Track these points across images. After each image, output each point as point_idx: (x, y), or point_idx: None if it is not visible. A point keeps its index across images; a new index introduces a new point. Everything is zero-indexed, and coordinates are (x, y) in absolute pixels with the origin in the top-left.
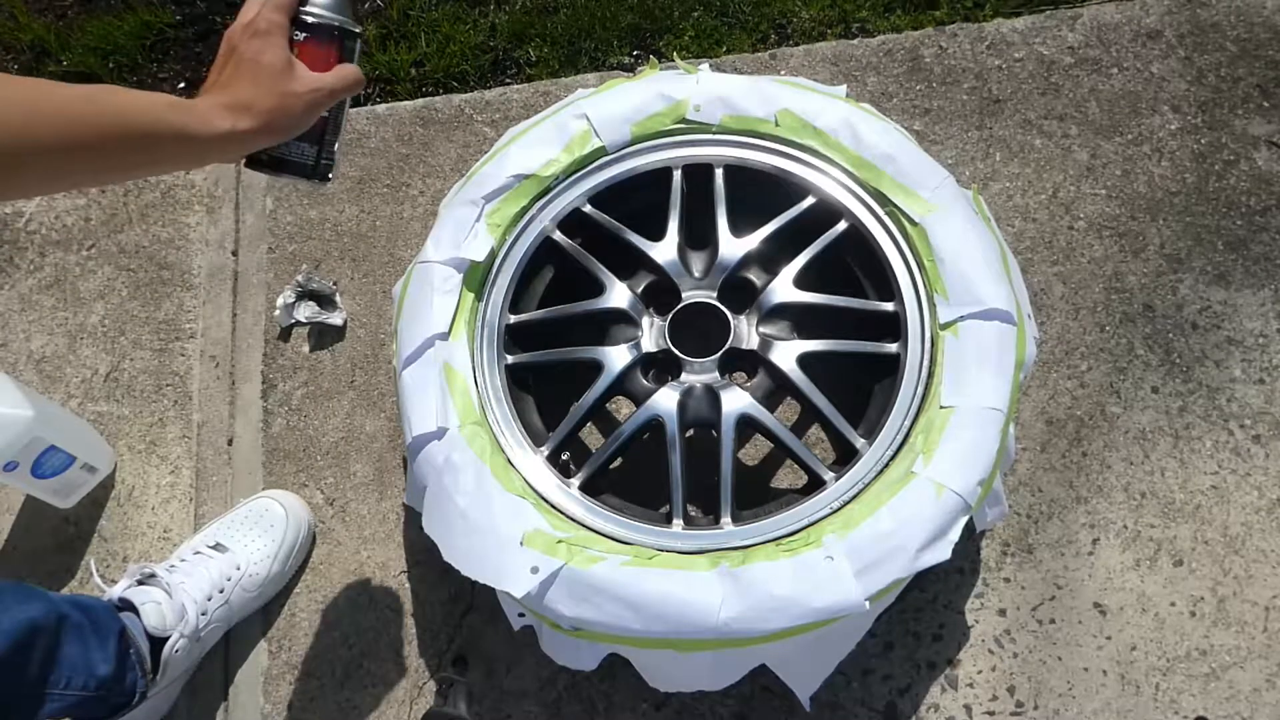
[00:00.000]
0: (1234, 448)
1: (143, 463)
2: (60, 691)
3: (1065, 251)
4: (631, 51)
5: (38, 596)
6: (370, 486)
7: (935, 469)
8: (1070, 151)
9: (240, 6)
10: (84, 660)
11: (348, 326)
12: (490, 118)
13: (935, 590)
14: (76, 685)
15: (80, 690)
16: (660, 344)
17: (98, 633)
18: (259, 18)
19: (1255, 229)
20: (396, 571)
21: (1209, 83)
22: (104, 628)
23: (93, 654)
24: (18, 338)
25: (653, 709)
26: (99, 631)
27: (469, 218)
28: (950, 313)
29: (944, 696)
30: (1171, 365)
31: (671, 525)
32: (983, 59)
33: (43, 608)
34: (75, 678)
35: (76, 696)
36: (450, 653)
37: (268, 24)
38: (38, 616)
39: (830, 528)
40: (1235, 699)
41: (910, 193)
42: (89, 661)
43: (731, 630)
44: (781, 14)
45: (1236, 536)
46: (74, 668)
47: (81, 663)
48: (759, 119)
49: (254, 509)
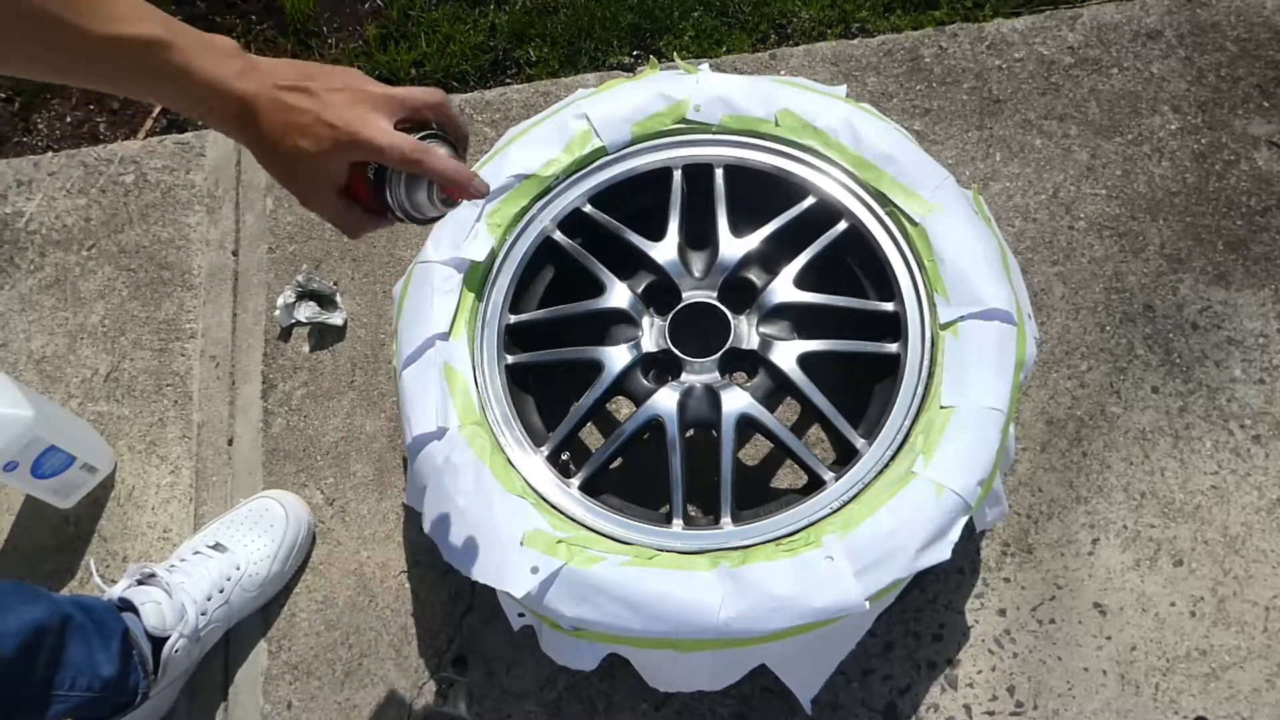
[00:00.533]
0: (1234, 448)
1: (143, 463)
2: (65, 693)
3: (1065, 251)
4: (631, 51)
5: (42, 598)
6: (370, 486)
7: (935, 469)
8: (1070, 151)
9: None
10: (88, 661)
11: (348, 326)
12: (490, 118)
13: (935, 590)
14: (81, 686)
15: (85, 691)
16: (660, 344)
17: (101, 633)
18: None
19: (1255, 229)
20: (396, 571)
21: (1209, 83)
22: (107, 628)
23: (96, 655)
24: (18, 338)
25: (653, 709)
26: (102, 632)
27: (469, 218)
28: (950, 313)
29: (944, 696)
30: (1172, 365)
31: (671, 525)
32: (983, 59)
33: (47, 609)
34: (80, 679)
35: (81, 697)
36: (450, 653)
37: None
38: (42, 618)
39: (830, 528)
40: (1235, 699)
41: (910, 193)
42: (93, 662)
43: (731, 630)
44: (781, 14)
45: (1236, 536)
46: (79, 669)
47: (86, 664)
48: (759, 119)
49: (254, 509)
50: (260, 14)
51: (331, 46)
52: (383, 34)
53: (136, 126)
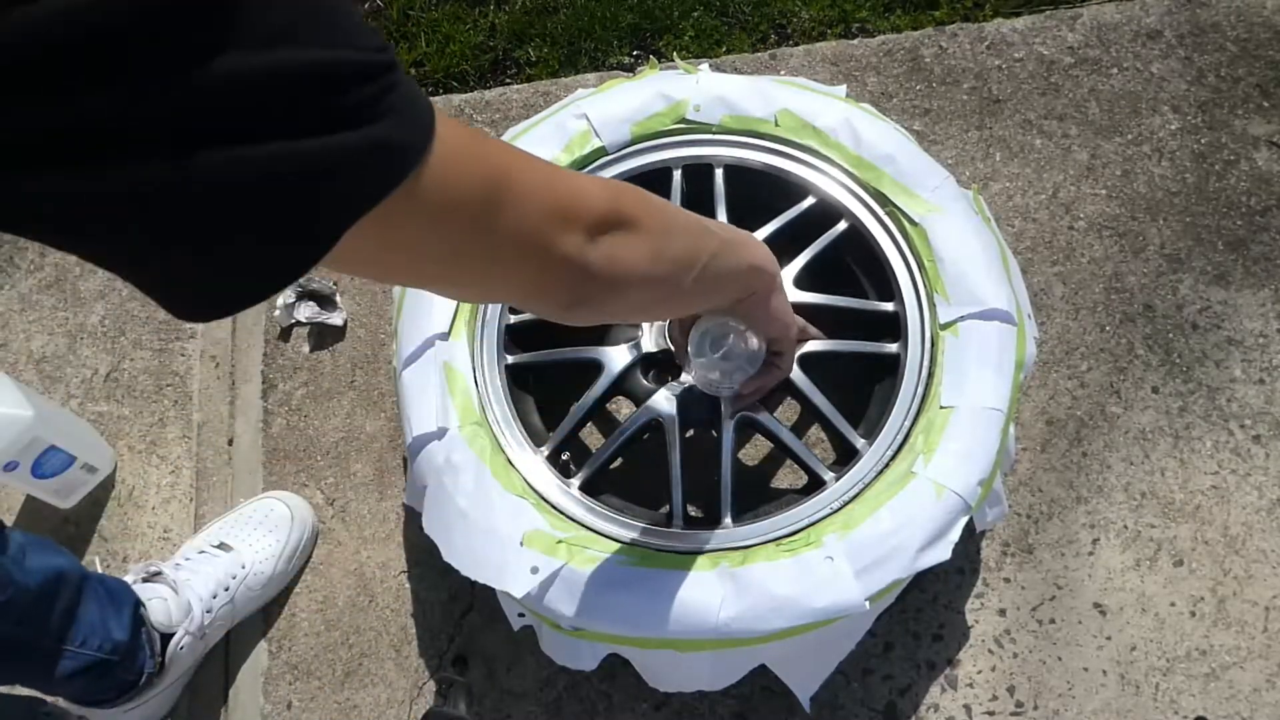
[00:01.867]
0: (1234, 448)
1: (143, 463)
2: (76, 649)
3: (1065, 251)
4: (631, 51)
5: (65, 553)
6: (370, 486)
7: (935, 469)
8: (1070, 151)
9: None
10: (101, 623)
11: (348, 326)
12: (490, 118)
13: (935, 590)
14: (93, 645)
15: (96, 651)
16: (660, 344)
17: (114, 602)
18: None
19: (1255, 229)
20: (396, 571)
21: (1209, 83)
22: (121, 599)
23: (109, 620)
24: (18, 338)
25: (653, 709)
26: (115, 601)
27: None
28: (950, 313)
29: (944, 696)
30: (1172, 365)
31: (671, 525)
32: (983, 59)
33: (69, 562)
34: (92, 638)
35: (91, 657)
36: (450, 653)
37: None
38: (65, 567)
39: (830, 528)
40: (1235, 699)
41: (910, 193)
42: (106, 625)
43: (731, 630)
44: (781, 14)
45: (1237, 536)
46: (91, 628)
47: (99, 624)
48: (759, 119)
49: (259, 509)
50: None
51: None
52: (383, 34)
53: None
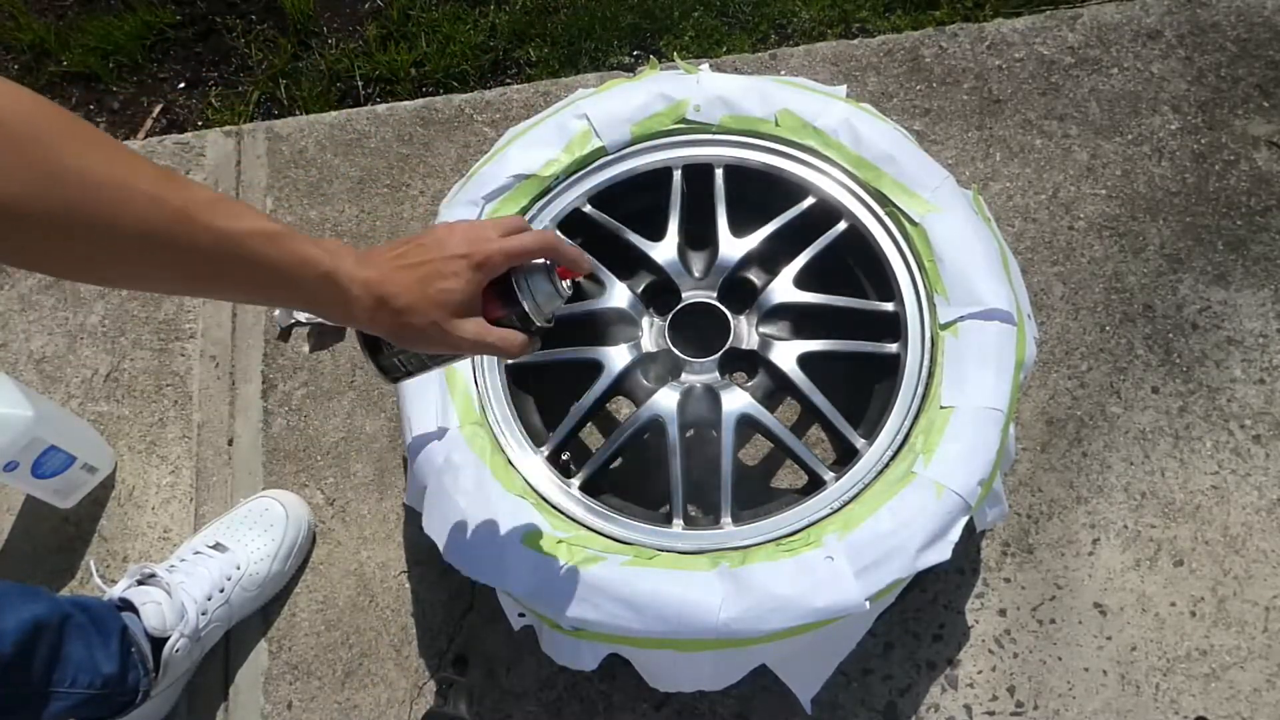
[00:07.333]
0: (1234, 448)
1: (143, 463)
2: (66, 690)
3: (1065, 251)
4: (631, 51)
5: (41, 597)
6: (370, 486)
7: (935, 469)
8: (1070, 151)
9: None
10: (88, 659)
11: (347, 326)
12: (490, 118)
13: (935, 590)
14: (82, 684)
15: (85, 689)
16: (660, 344)
17: (100, 632)
18: (490, 252)
19: (1255, 229)
20: (396, 571)
21: (1209, 83)
22: (106, 627)
23: (96, 653)
24: (18, 338)
25: (653, 709)
26: (101, 631)
27: (469, 218)
28: (950, 313)
29: (944, 696)
30: (1171, 365)
31: (671, 525)
32: (983, 59)
33: (46, 607)
34: (80, 676)
35: (82, 695)
36: (450, 653)
37: (486, 260)
38: (42, 615)
39: (830, 528)
40: (1235, 699)
41: (910, 193)
42: (93, 660)
43: (731, 630)
44: (781, 14)
45: (1237, 536)
46: (79, 666)
47: (86, 661)
48: (759, 119)
49: (254, 509)
50: (260, 14)
51: (332, 47)
52: (383, 34)
53: (137, 126)
